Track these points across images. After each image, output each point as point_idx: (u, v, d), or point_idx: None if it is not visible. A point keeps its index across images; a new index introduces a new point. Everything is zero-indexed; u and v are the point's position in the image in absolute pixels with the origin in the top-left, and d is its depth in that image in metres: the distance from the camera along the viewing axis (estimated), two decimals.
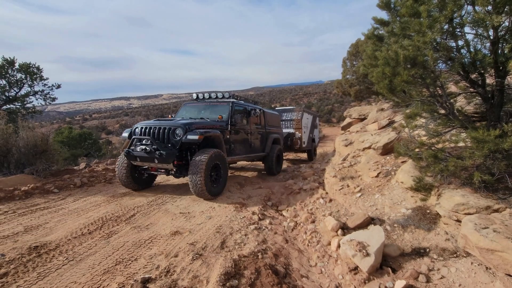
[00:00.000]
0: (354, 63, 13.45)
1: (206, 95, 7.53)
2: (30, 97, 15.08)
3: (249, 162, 10.38)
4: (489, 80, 3.70)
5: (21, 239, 3.65)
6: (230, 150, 6.52)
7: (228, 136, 6.43)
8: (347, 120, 11.68)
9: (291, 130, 11.98)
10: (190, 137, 5.15)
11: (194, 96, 7.72)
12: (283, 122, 12.10)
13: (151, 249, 3.47)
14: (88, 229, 4.02)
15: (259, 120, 8.11)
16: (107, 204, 5.27)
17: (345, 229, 3.91)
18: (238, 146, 6.90)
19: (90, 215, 4.64)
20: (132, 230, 4.04)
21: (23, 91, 14.81)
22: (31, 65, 14.57)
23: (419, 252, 3.15)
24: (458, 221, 3.13)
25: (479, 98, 3.89)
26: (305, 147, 12.41)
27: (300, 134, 11.76)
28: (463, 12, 3.36)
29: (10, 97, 14.36)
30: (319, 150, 16.08)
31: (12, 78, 14.23)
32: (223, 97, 7.29)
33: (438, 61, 3.47)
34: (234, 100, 7.09)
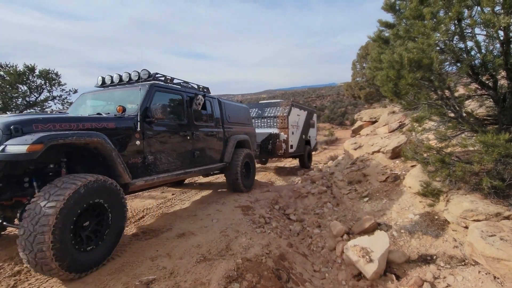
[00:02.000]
0: (363, 65, 13.28)
1: (116, 78, 4.64)
2: (49, 101, 15.77)
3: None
4: (502, 82, 3.59)
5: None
6: (147, 165, 3.86)
7: (139, 142, 3.72)
8: (358, 123, 11.53)
9: (274, 130, 9.29)
10: (11, 149, 2.51)
11: (99, 80, 4.76)
12: (265, 120, 9.66)
13: (157, 250, 3.55)
14: None
15: (210, 115, 5.47)
16: None
17: (350, 234, 3.87)
18: (164, 157, 4.19)
19: None
20: (140, 232, 4.15)
21: (42, 96, 15.52)
22: (50, 71, 15.26)
23: (426, 259, 3.08)
24: (467, 227, 3.04)
25: (491, 101, 3.78)
26: (293, 152, 9.74)
27: (286, 136, 9.09)
28: (473, 12, 3.28)
29: (31, 102, 15.07)
30: (329, 154, 15.44)
31: (33, 84, 14.94)
32: (139, 78, 4.41)
33: (445, 63, 3.40)
34: (157, 83, 4.33)
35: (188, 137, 4.70)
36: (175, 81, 4.82)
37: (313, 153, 18.18)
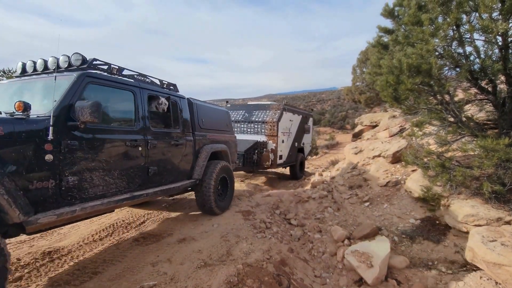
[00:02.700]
0: (363, 70, 13.35)
1: (41, 64, 3.39)
2: None
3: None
4: (501, 87, 3.61)
5: (37, 244, 3.83)
6: (65, 190, 2.70)
7: (50, 156, 2.55)
8: (359, 127, 11.54)
9: (262, 138, 8.02)
10: None
11: (19, 67, 3.56)
12: (252, 125, 8.41)
13: (158, 256, 3.55)
14: (99, 236, 4.16)
15: (175, 119, 4.30)
16: (119, 210, 5.43)
17: (351, 239, 3.86)
18: (97, 178, 3.01)
19: (103, 221, 4.81)
20: (141, 237, 4.15)
21: None
22: None
23: (427, 265, 3.07)
24: (468, 232, 3.03)
25: (490, 105, 3.79)
26: (283, 162, 8.63)
27: (274, 145, 7.86)
28: (472, 18, 3.32)
29: None
30: (329, 158, 15.40)
31: None
32: (70, 65, 3.24)
33: (444, 69, 3.43)
34: (92, 72, 3.18)
35: (140, 148, 3.49)
36: (126, 72, 3.68)
37: (314, 157, 18.00)
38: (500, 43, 3.19)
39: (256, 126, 8.31)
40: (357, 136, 11.10)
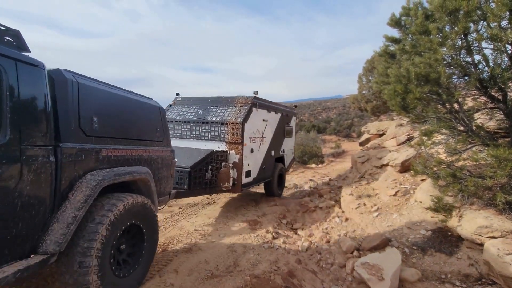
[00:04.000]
0: (369, 78, 13.34)
1: None
2: None
3: None
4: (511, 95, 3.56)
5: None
6: None
7: None
8: (365, 136, 11.46)
9: (220, 146, 5.68)
10: None
11: None
12: (207, 127, 5.87)
13: (165, 266, 3.52)
14: None
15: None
16: None
17: (360, 250, 3.78)
18: None
19: None
20: None
21: None
22: None
23: (440, 278, 2.98)
24: (482, 244, 2.94)
25: (501, 114, 3.74)
26: (252, 181, 6.08)
27: (238, 156, 5.52)
28: (479, 27, 3.31)
29: None
30: (335, 166, 15.17)
31: None
32: None
33: (453, 77, 3.40)
34: None
35: None
36: None
37: (320, 165, 17.65)
38: (509, 52, 3.16)
39: (212, 128, 5.69)
40: (363, 144, 11.01)
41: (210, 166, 5.32)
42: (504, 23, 2.96)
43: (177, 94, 7.00)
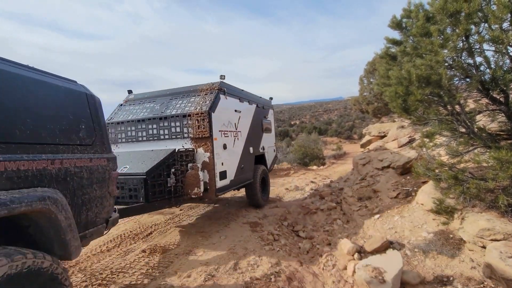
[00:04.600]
0: (371, 80, 13.33)
1: None
2: None
3: None
4: None
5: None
6: None
7: None
8: (367, 138, 11.44)
9: (184, 144, 4.72)
10: None
11: None
12: (165, 124, 4.89)
13: (165, 267, 3.52)
14: (107, 247, 4.15)
15: None
16: (126, 221, 5.44)
17: (362, 252, 3.76)
18: None
19: (111, 232, 4.81)
20: (148, 248, 4.13)
21: None
22: None
23: (442, 281, 2.96)
24: (484, 247, 2.93)
25: (503, 116, 3.73)
26: (229, 184, 5.09)
27: (209, 154, 4.59)
28: (481, 28, 3.30)
29: None
30: (336, 168, 15.04)
31: None
32: None
33: (454, 79, 3.39)
34: None
35: None
36: None
37: (321, 167, 17.59)
38: (511, 53, 3.15)
39: (173, 124, 4.71)
40: (365, 146, 10.99)
41: (172, 170, 4.21)
42: (505, 25, 2.95)
43: (129, 91, 5.87)
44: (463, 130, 3.62)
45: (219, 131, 4.77)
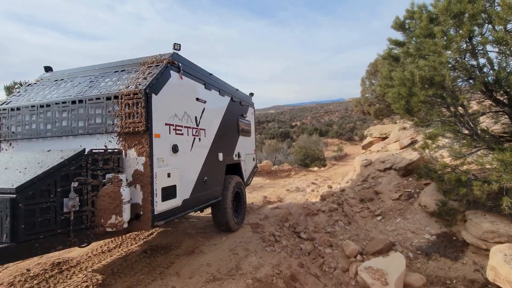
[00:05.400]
0: (373, 82, 13.30)
1: None
2: None
3: None
4: None
5: (46, 254, 3.84)
6: None
7: None
8: (368, 139, 11.41)
9: (109, 143, 3.10)
10: None
11: None
12: (81, 110, 3.19)
13: (166, 268, 3.51)
14: (107, 247, 4.14)
15: None
16: None
17: (364, 254, 3.74)
18: None
19: None
20: (149, 249, 4.12)
21: None
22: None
23: (445, 283, 2.93)
24: (488, 250, 2.90)
25: (506, 118, 3.71)
26: (181, 207, 3.38)
27: (143, 159, 2.94)
28: (484, 30, 3.29)
29: None
30: (338, 169, 15.01)
31: None
32: None
33: (458, 80, 3.38)
34: None
35: None
36: None
37: (322, 168, 17.56)
38: None
39: (91, 111, 3.20)
40: (366, 148, 10.96)
41: (74, 185, 2.55)
42: (510, 26, 2.94)
43: (48, 68, 4.17)
44: (466, 131, 3.60)
45: (166, 124, 3.20)
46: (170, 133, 3.27)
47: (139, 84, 3.00)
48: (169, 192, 3.15)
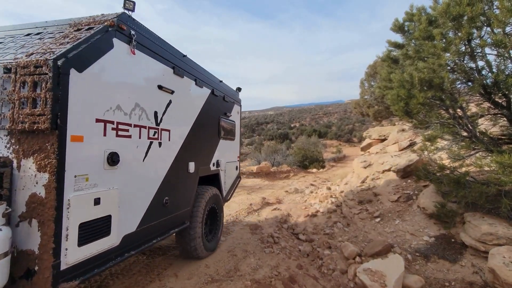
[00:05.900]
0: (372, 83, 13.34)
1: None
2: None
3: None
4: None
5: None
6: None
7: None
8: (367, 141, 11.43)
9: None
10: None
11: None
12: None
13: (164, 269, 3.49)
14: None
15: None
16: None
17: (362, 256, 3.73)
18: None
19: None
20: (147, 250, 4.10)
21: None
22: None
23: (444, 285, 2.93)
24: (487, 252, 2.90)
25: (505, 120, 3.72)
26: (112, 250, 2.20)
27: (47, 177, 1.74)
28: (483, 32, 3.30)
29: None
30: (336, 171, 15.02)
31: None
32: None
33: (456, 83, 3.39)
34: None
35: None
36: None
37: (320, 170, 17.60)
38: None
39: None
40: (365, 149, 10.97)
41: None
42: (508, 29, 2.95)
43: None
44: (465, 133, 3.61)
45: (98, 120, 2.10)
46: (105, 135, 2.16)
47: (49, 52, 1.90)
48: (94, 229, 2.04)
